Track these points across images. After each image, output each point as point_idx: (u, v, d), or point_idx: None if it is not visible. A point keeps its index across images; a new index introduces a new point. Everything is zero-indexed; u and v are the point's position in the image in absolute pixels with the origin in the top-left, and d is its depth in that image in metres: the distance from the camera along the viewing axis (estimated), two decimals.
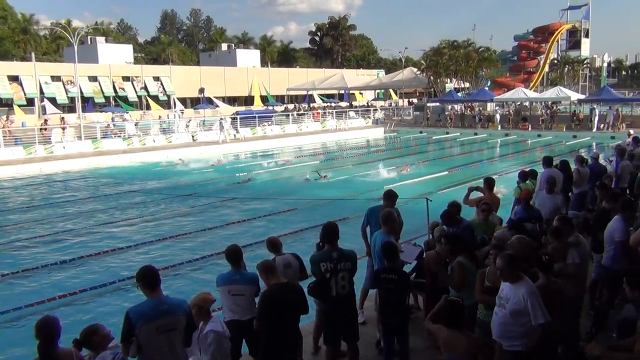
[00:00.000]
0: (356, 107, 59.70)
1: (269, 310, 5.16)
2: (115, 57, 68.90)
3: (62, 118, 44.90)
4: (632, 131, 28.52)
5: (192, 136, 36.63)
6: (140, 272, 4.63)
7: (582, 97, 44.17)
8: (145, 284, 4.57)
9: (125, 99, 61.68)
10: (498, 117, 41.60)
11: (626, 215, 6.61)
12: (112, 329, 4.53)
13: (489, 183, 9.19)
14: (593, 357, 3.97)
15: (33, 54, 58.93)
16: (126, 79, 63.25)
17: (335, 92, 73.87)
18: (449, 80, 59.71)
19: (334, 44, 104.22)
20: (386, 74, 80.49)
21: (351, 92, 70.32)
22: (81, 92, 46.75)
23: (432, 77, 57.61)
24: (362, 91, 77.01)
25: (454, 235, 6.34)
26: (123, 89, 62.10)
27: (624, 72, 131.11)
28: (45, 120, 39.72)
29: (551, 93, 42.79)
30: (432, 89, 60.29)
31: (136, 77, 64.19)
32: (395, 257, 6.05)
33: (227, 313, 5.82)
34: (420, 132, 42.69)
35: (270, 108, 62.05)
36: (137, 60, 79.39)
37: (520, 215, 7.88)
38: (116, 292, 10.61)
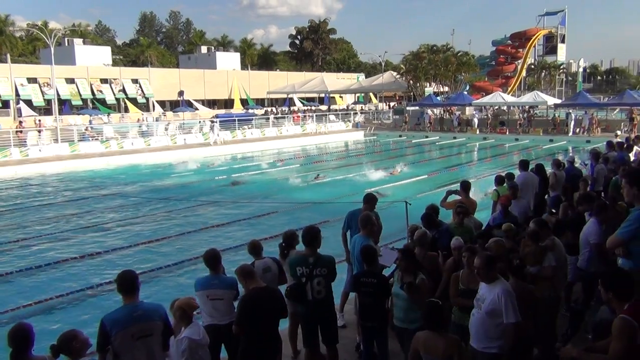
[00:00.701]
0: (336, 110, 59.85)
1: (248, 315, 5.13)
2: (93, 59, 68.08)
3: (39, 120, 44.24)
4: (619, 132, 29.08)
5: (171, 139, 36.33)
6: (118, 277, 4.58)
7: (559, 101, 44.84)
8: (122, 289, 4.52)
9: (103, 102, 60.98)
10: (476, 121, 42.04)
11: (601, 218, 6.71)
12: (89, 337, 4.46)
13: (465, 186, 9.28)
14: (568, 359, 4.00)
15: (9, 56, 57.90)
16: (104, 81, 62.54)
17: (315, 95, 73.97)
18: (428, 84, 60.21)
19: (314, 47, 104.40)
20: (366, 77, 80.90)
21: (331, 95, 70.48)
22: (58, 94, 46.07)
23: (411, 81, 58.05)
24: (342, 95, 77.24)
25: (410, 251, 6.07)
26: (101, 91, 61.37)
27: (599, 78, 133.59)
28: (21, 122, 39.10)
29: (528, 97, 43.37)
30: (411, 93, 60.72)
31: (114, 79, 63.50)
32: (374, 260, 6.06)
33: (205, 317, 5.78)
34: (400, 136, 42.93)
35: (251, 111, 61.89)
36: (115, 62, 78.54)
37: (499, 221, 7.94)
38: (92, 298, 10.45)
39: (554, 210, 9.00)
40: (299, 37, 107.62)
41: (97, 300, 10.25)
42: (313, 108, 64.65)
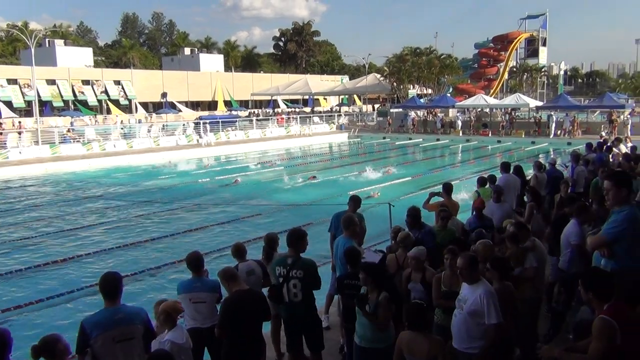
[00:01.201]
0: (320, 112, 59.90)
1: (230, 318, 5.11)
2: (75, 60, 67.40)
3: (19, 122, 43.64)
4: (603, 134, 29.34)
5: (154, 141, 36.06)
6: (101, 279, 4.52)
7: (540, 104, 45.32)
8: (105, 291, 4.47)
9: (84, 103, 60.40)
10: (460, 123, 42.34)
11: (581, 219, 6.79)
12: (70, 343, 4.39)
13: (447, 188, 9.34)
14: (549, 359, 4.04)
15: None
16: (86, 82, 61.96)
17: (299, 97, 73.96)
18: (411, 86, 60.47)
19: (298, 49, 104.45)
20: (350, 79, 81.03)
21: (315, 97, 70.51)
22: (39, 96, 45.55)
23: (395, 83, 58.25)
24: (326, 97, 77.31)
25: (372, 266, 5.53)
26: (82, 92, 60.80)
27: (579, 80, 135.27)
28: (0, 124, 38.52)
29: (510, 100, 43.77)
30: (395, 95, 60.96)
31: (96, 80, 62.94)
32: (358, 262, 6.06)
33: (188, 321, 5.74)
34: (384, 138, 43.06)
35: (234, 113, 61.69)
36: (97, 64, 77.82)
37: (474, 225, 7.96)
38: (74, 301, 10.33)
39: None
40: (282, 39, 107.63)
41: (78, 304, 10.12)
42: (297, 110, 64.58)
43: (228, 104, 72.17)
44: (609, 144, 16.75)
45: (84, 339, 4.28)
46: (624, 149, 16.66)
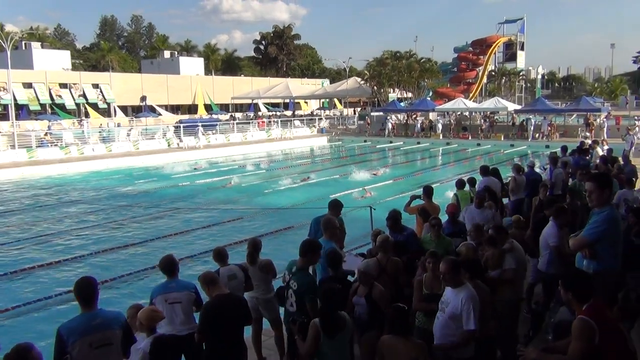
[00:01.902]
0: (301, 116, 59.89)
1: (211, 322, 5.04)
2: (52, 63, 66.52)
3: None
4: (588, 134, 29.75)
5: (134, 145, 35.70)
6: (76, 284, 4.42)
7: (519, 107, 45.87)
8: (81, 296, 4.37)
9: (62, 107, 59.58)
10: (440, 126, 42.62)
11: (560, 221, 6.87)
12: (44, 352, 4.28)
13: (428, 191, 9.37)
14: None
15: None
16: (63, 85, 61.16)
17: (280, 101, 73.89)
18: (392, 90, 60.81)
19: (278, 52, 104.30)
20: (331, 83, 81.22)
21: (296, 101, 70.51)
22: (15, 99, 44.84)
23: (375, 87, 58.55)
24: (307, 100, 77.36)
25: (332, 290, 4.84)
26: (60, 96, 59.99)
27: (556, 84, 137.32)
28: None
29: (489, 103, 44.22)
30: (375, 99, 61.23)
31: (74, 84, 62.15)
32: (339, 265, 6.05)
33: (165, 327, 5.63)
34: (365, 141, 43.21)
35: (215, 117, 61.37)
36: (75, 67, 76.86)
37: (447, 231, 7.82)
38: (50, 307, 10.14)
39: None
40: (263, 42, 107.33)
41: (55, 310, 9.94)
42: (278, 114, 64.49)
43: (208, 107, 71.79)
44: (586, 147, 17.05)
45: (61, 346, 4.18)
46: (600, 151, 16.94)
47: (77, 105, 61.80)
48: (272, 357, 6.80)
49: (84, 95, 61.96)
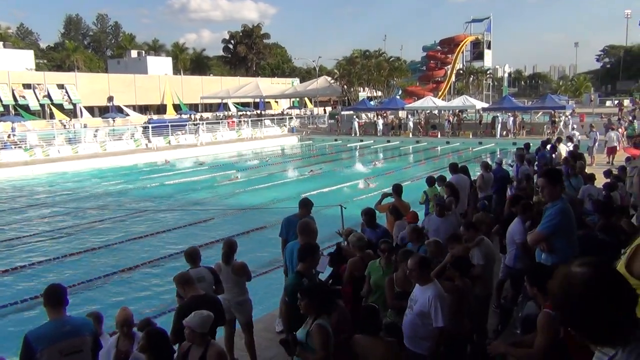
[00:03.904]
0: (271, 115, 59.71)
1: None
2: (15, 63, 64.85)
3: None
4: (575, 133, 30.23)
5: (101, 146, 35.06)
6: (45, 291, 4.35)
7: (486, 105, 46.58)
8: (49, 303, 4.29)
9: (26, 108, 58.18)
10: (412, 124, 42.95)
11: (525, 217, 7.02)
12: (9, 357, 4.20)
13: (397, 189, 9.46)
14: (497, 354, 4.15)
15: None
16: (27, 86, 59.72)
17: (250, 100, 73.51)
18: (362, 89, 61.07)
19: (248, 52, 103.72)
20: (301, 82, 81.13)
21: (266, 100, 70.23)
22: None
23: (345, 86, 58.69)
24: (277, 100, 77.13)
25: (312, 288, 4.60)
26: (24, 97, 58.57)
27: (523, 82, 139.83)
28: None
29: (458, 102, 44.78)
30: (346, 98, 61.41)
31: (38, 84, 60.76)
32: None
33: None
34: (335, 140, 43.31)
35: (185, 117, 60.70)
36: (39, 67, 75.12)
37: (407, 240, 7.31)
38: (15, 314, 9.90)
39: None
40: (232, 41, 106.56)
41: (22, 317, 9.71)
42: (248, 113, 64.16)
43: (177, 107, 71.01)
44: (552, 144, 17.43)
45: (29, 354, 4.10)
46: (564, 148, 17.34)
47: (42, 106, 60.43)
48: (244, 358, 6.77)
49: (48, 96, 60.62)
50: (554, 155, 15.64)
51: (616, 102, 58.89)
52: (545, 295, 3.91)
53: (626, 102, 63.47)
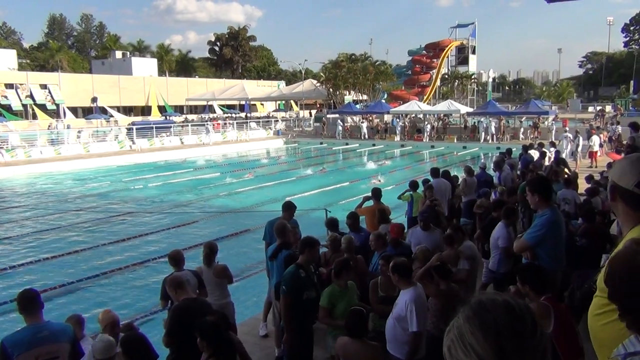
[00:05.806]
0: (257, 118, 59.58)
1: (179, 325, 5.04)
2: None
3: None
4: (564, 138, 30.47)
5: (84, 147, 34.71)
6: (18, 296, 4.27)
7: (471, 110, 46.94)
8: (24, 308, 4.22)
9: (8, 108, 57.43)
10: (399, 128, 43.10)
11: (509, 222, 7.07)
12: None
13: (376, 194, 9.51)
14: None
15: None
16: (9, 86, 58.97)
17: (236, 102, 73.29)
18: (347, 92, 61.19)
19: (233, 54, 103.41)
20: (287, 85, 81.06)
21: (252, 103, 70.06)
22: None
23: (331, 89, 58.77)
24: (263, 102, 76.99)
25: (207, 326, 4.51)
26: (5, 97, 57.83)
27: (507, 87, 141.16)
28: None
29: (443, 106, 45.08)
30: (331, 101, 61.47)
31: (21, 84, 60.00)
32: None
33: None
34: (321, 143, 43.33)
35: (170, 118, 60.35)
36: (21, 67, 74.22)
37: (390, 253, 6.93)
38: None
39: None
40: (218, 43, 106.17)
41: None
42: (234, 115, 63.95)
43: (162, 109, 70.57)
44: (535, 147, 17.62)
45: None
46: (547, 153, 17.54)
47: (25, 106, 59.72)
48: None
49: (31, 96, 59.91)
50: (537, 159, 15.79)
51: (598, 108, 59.59)
52: (537, 294, 3.99)
53: (608, 107, 64.31)
